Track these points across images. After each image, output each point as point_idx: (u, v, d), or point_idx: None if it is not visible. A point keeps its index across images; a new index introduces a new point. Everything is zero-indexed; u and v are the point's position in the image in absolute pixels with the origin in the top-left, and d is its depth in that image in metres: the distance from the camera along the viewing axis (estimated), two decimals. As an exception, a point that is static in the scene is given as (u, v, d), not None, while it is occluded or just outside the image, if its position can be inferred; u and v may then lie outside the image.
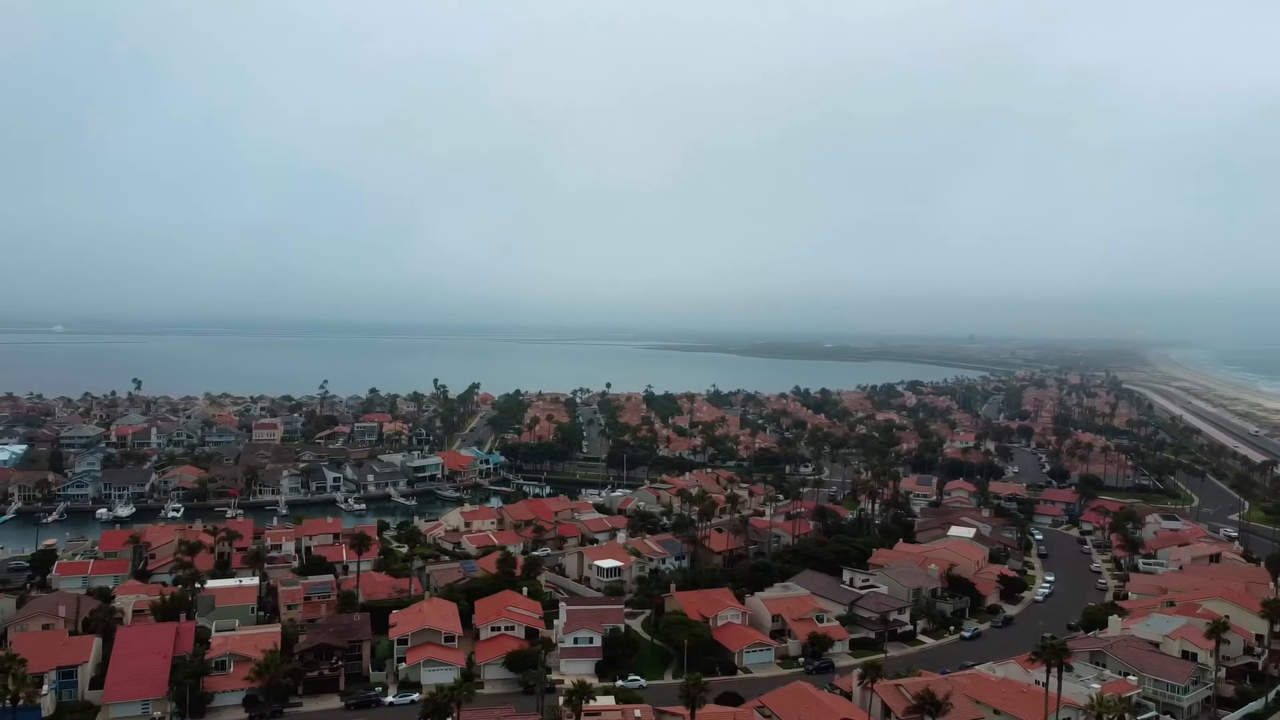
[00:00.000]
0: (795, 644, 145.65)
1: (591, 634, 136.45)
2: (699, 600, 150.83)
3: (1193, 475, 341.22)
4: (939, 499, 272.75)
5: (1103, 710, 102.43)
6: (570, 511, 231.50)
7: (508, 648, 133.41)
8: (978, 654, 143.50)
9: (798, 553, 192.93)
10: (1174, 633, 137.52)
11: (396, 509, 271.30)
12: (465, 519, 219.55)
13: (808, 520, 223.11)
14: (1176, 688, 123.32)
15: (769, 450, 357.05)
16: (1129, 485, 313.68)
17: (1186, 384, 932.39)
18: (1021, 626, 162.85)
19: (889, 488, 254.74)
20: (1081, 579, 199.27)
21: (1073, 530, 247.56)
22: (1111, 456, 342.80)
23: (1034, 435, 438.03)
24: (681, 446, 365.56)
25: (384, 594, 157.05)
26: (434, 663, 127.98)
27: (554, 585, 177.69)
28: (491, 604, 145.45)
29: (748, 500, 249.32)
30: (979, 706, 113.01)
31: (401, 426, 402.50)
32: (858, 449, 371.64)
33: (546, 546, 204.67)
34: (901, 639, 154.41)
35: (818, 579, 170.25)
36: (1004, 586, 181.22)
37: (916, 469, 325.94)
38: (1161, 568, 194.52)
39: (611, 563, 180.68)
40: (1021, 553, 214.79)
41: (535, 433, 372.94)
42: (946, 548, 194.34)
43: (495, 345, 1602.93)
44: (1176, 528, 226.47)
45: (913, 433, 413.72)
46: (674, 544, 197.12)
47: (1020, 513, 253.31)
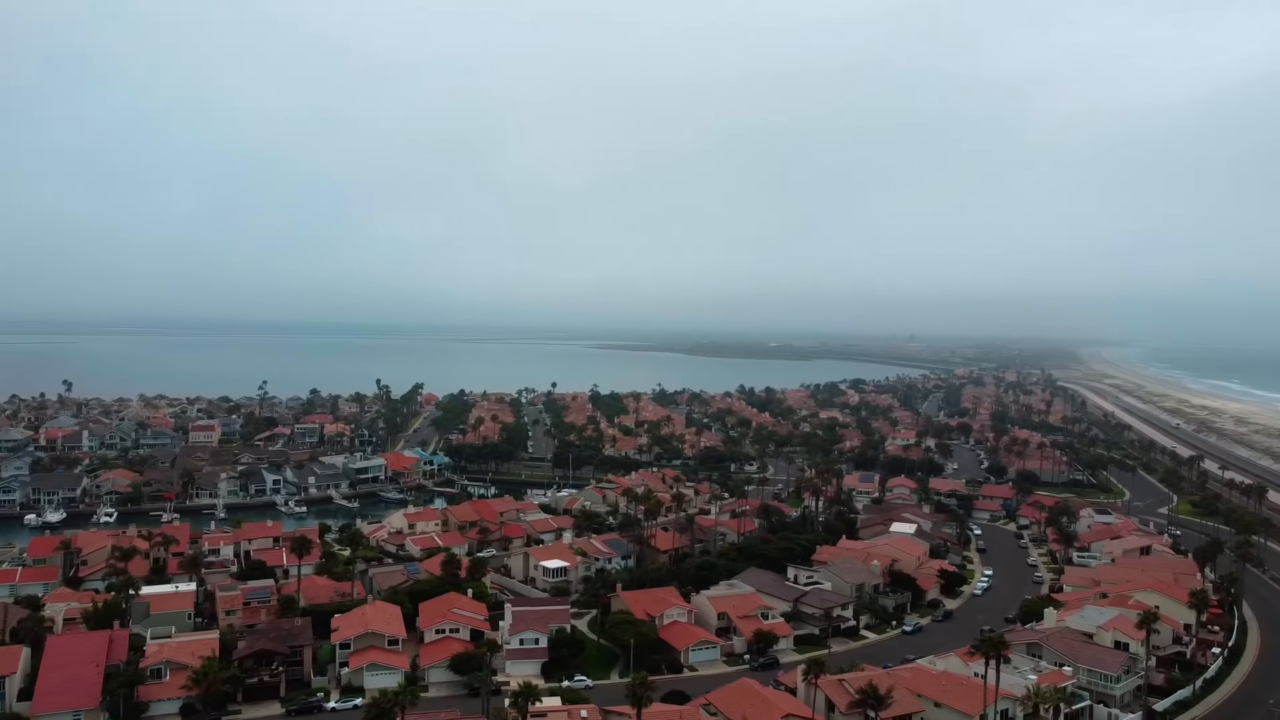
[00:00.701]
0: (741, 641, 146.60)
1: (537, 635, 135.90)
2: (645, 599, 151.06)
3: (1124, 470, 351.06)
4: (881, 496, 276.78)
5: (1039, 700, 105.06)
6: (515, 512, 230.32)
7: (453, 650, 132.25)
8: (919, 648, 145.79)
9: (743, 550, 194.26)
10: (1107, 624, 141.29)
11: (339, 511, 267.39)
12: (409, 521, 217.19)
13: (753, 518, 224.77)
14: (1109, 677, 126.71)
15: (714, 449, 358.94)
16: (1064, 480, 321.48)
17: (1118, 381, 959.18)
18: (961, 620, 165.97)
19: (832, 485, 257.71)
20: (1019, 573, 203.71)
21: (1010, 525, 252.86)
22: (1047, 452, 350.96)
23: (973, 432, 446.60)
24: (627, 446, 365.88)
25: (326, 598, 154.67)
26: (377, 667, 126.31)
27: (499, 586, 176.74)
28: (436, 606, 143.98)
29: (693, 499, 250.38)
30: (920, 699, 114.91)
31: (343, 428, 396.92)
32: (802, 447, 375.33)
33: (492, 548, 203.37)
34: (845, 634, 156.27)
35: (763, 576, 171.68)
36: (944, 581, 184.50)
37: (859, 466, 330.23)
38: (1095, 561, 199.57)
39: (557, 563, 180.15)
40: (961, 548, 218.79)
41: (480, 433, 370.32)
42: (889, 544, 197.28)
43: (439, 345, 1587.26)
44: (1109, 521, 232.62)
45: (855, 430, 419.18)
46: (620, 543, 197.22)
47: (960, 509, 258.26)
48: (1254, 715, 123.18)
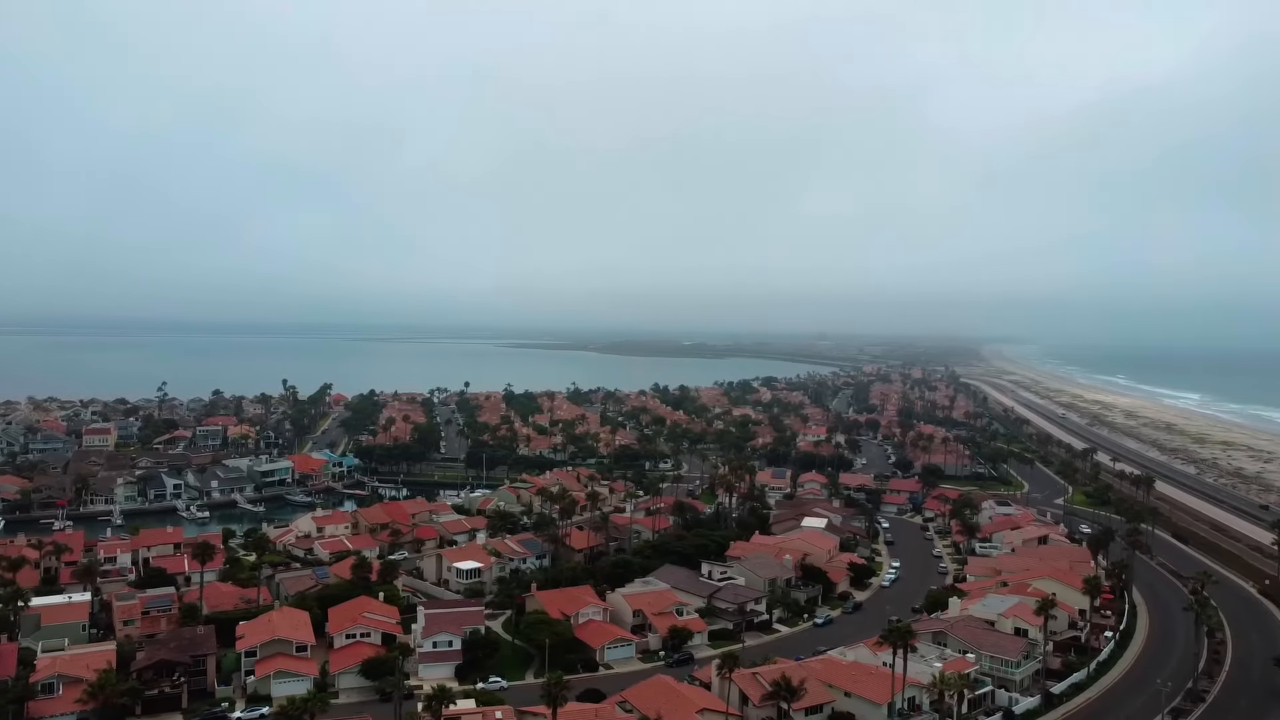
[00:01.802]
0: (656, 638, 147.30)
1: (451, 637, 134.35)
2: (560, 599, 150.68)
3: (1023, 463, 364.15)
4: (793, 491, 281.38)
5: (944, 687, 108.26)
6: (428, 513, 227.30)
7: (364, 655, 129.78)
8: (830, 639, 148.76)
9: (658, 548, 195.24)
10: (1007, 611, 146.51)
11: (244, 516, 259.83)
12: (317, 524, 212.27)
13: (667, 515, 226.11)
14: (1010, 663, 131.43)
15: (629, 447, 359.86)
16: (967, 473, 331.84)
17: (1017, 378, 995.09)
18: (870, 611, 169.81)
19: (745, 481, 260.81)
20: (924, 564, 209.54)
21: (916, 518, 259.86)
22: (951, 447, 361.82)
23: (881, 428, 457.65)
24: (542, 445, 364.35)
25: (230, 605, 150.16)
26: (285, 674, 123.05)
27: (412, 589, 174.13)
28: (346, 611, 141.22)
29: (608, 497, 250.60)
30: (831, 690, 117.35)
31: (248, 429, 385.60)
32: (715, 444, 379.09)
33: (404, 550, 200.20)
34: (758, 628, 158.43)
35: (677, 573, 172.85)
36: (854, 574, 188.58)
37: (771, 462, 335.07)
38: (996, 551, 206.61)
39: (471, 564, 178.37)
40: (870, 541, 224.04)
41: (391, 434, 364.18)
42: (800, 538, 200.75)
43: (347, 344, 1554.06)
44: (1009, 513, 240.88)
45: (768, 427, 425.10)
46: (535, 543, 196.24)
47: (868, 502, 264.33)
48: (1143, 695, 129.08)
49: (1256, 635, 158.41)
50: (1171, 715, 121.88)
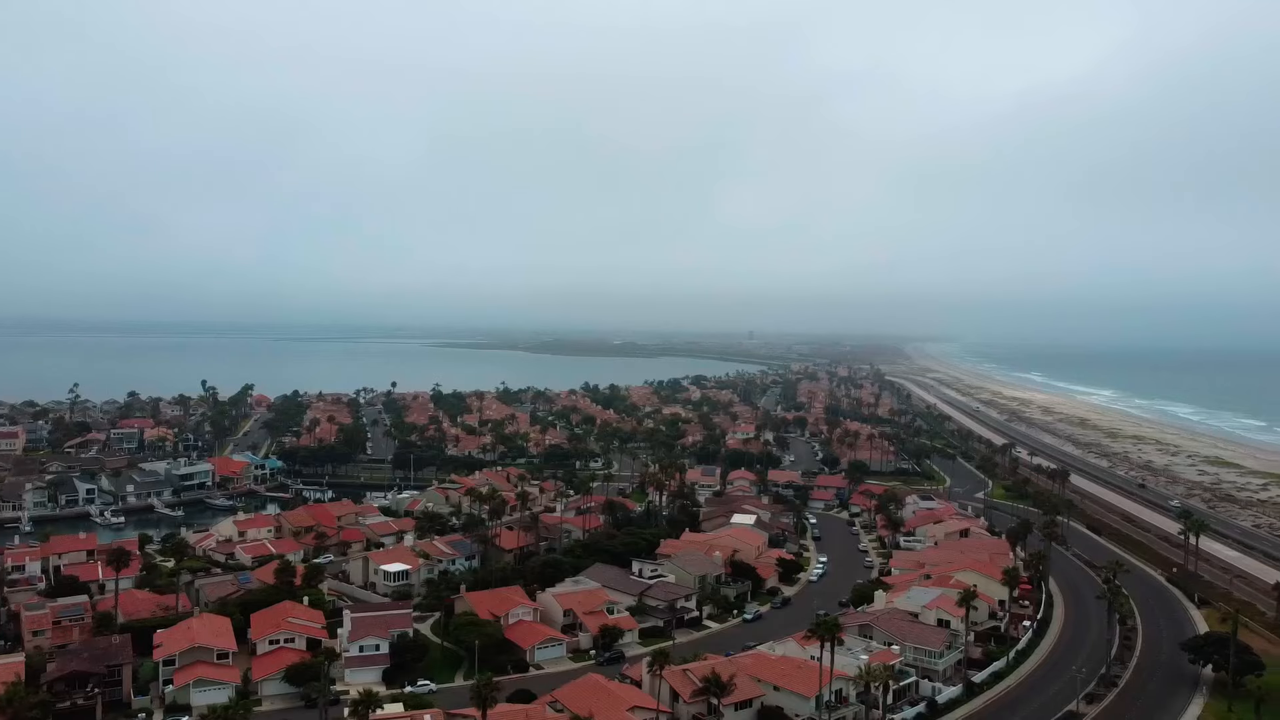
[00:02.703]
0: (587, 637, 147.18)
1: (378, 641, 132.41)
2: (490, 600, 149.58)
3: (945, 458, 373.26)
4: (722, 488, 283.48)
5: (869, 679, 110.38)
6: (354, 515, 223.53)
7: (288, 661, 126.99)
8: (759, 635, 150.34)
9: (588, 547, 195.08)
10: (931, 603, 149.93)
11: (161, 520, 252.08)
12: (239, 528, 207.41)
13: (598, 514, 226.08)
14: (933, 653, 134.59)
15: (559, 446, 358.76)
16: (891, 469, 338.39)
17: (939, 375, 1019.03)
18: (798, 606, 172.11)
19: (675, 479, 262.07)
20: (851, 558, 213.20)
21: (843, 513, 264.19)
22: (876, 443, 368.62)
23: (808, 425, 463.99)
24: (471, 445, 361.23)
25: (147, 612, 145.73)
26: (205, 682, 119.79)
27: (338, 593, 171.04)
28: (269, 616, 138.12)
29: (538, 497, 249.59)
30: (760, 684, 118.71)
31: (166, 432, 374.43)
32: (645, 443, 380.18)
33: (329, 553, 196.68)
34: (689, 625, 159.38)
35: (608, 572, 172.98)
36: (782, 569, 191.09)
37: (701, 460, 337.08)
38: (920, 544, 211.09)
39: (399, 566, 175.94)
40: (798, 536, 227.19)
41: (315, 435, 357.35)
42: (730, 535, 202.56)
43: (269, 344, 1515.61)
44: (932, 507, 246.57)
45: (697, 425, 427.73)
46: (464, 544, 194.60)
47: (796, 499, 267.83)
48: (1060, 681, 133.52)
49: (1165, 621, 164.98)
50: (1086, 700, 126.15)
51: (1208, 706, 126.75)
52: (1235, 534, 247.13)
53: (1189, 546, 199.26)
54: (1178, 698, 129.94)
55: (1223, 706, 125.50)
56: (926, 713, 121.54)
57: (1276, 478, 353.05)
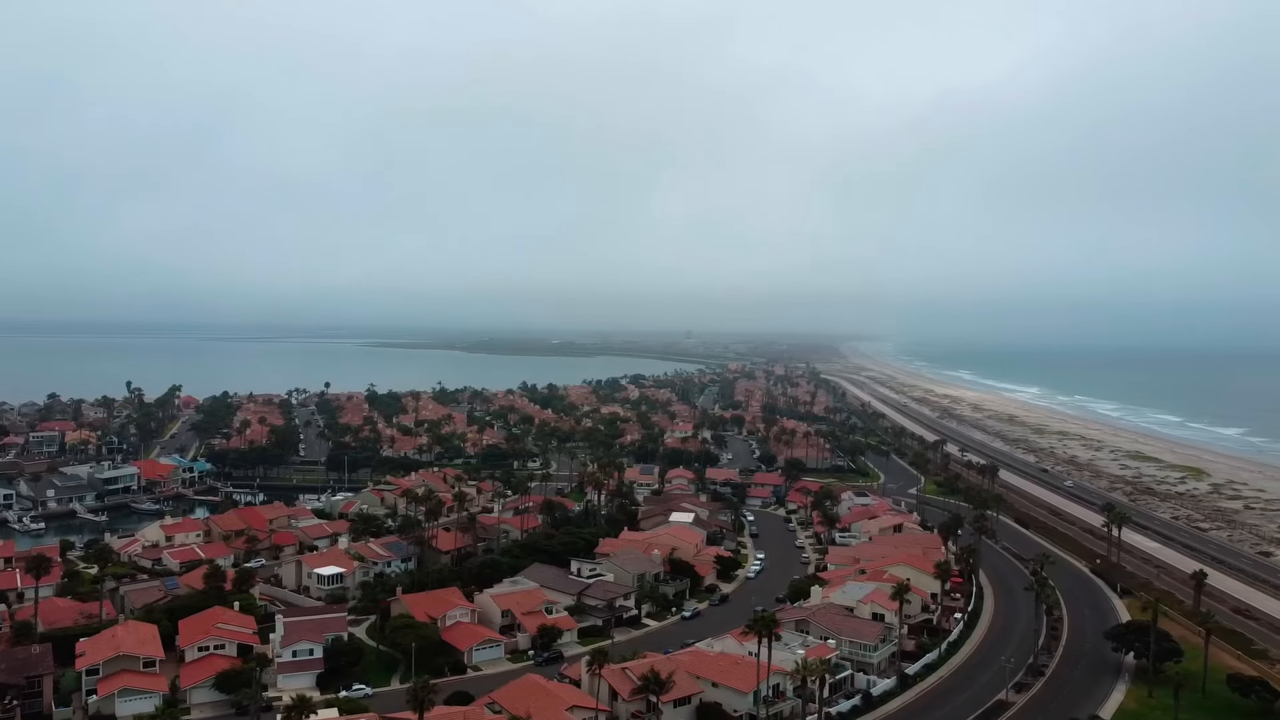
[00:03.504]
0: (525, 637, 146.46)
1: (312, 645, 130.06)
2: (426, 601, 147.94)
3: (879, 455, 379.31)
4: (661, 487, 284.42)
5: (806, 673, 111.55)
6: (287, 518, 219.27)
7: (218, 668, 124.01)
8: (698, 632, 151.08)
9: (526, 547, 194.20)
10: (865, 598, 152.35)
11: (84, 526, 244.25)
12: (166, 533, 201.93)
13: (536, 514, 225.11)
14: (868, 646, 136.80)
15: (497, 446, 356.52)
16: (827, 466, 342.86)
17: (873, 373, 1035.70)
18: (736, 603, 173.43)
19: (614, 478, 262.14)
20: (788, 555, 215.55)
21: (780, 510, 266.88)
22: (812, 441, 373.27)
23: (745, 423, 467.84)
24: (407, 446, 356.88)
25: (69, 621, 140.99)
26: (131, 691, 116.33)
27: (270, 597, 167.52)
28: (198, 622, 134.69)
29: (476, 497, 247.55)
30: (699, 681, 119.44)
31: (88, 435, 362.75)
32: (584, 442, 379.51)
33: (261, 557, 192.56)
34: (627, 624, 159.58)
35: (546, 571, 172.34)
36: (720, 567, 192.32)
37: (639, 459, 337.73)
38: (855, 540, 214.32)
39: (333, 569, 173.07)
40: (735, 534, 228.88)
41: (246, 437, 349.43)
42: (668, 533, 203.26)
43: (196, 344, 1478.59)
44: (866, 503, 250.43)
45: (636, 424, 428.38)
46: (400, 546, 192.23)
47: (734, 496, 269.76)
48: (990, 671, 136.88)
49: (1089, 611, 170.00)
50: (1015, 689, 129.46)
51: (1130, 692, 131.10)
52: (1155, 526, 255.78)
53: (1112, 539, 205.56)
54: (1101, 685, 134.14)
55: (1144, 692, 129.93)
56: (862, 705, 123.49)
57: (1193, 471, 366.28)
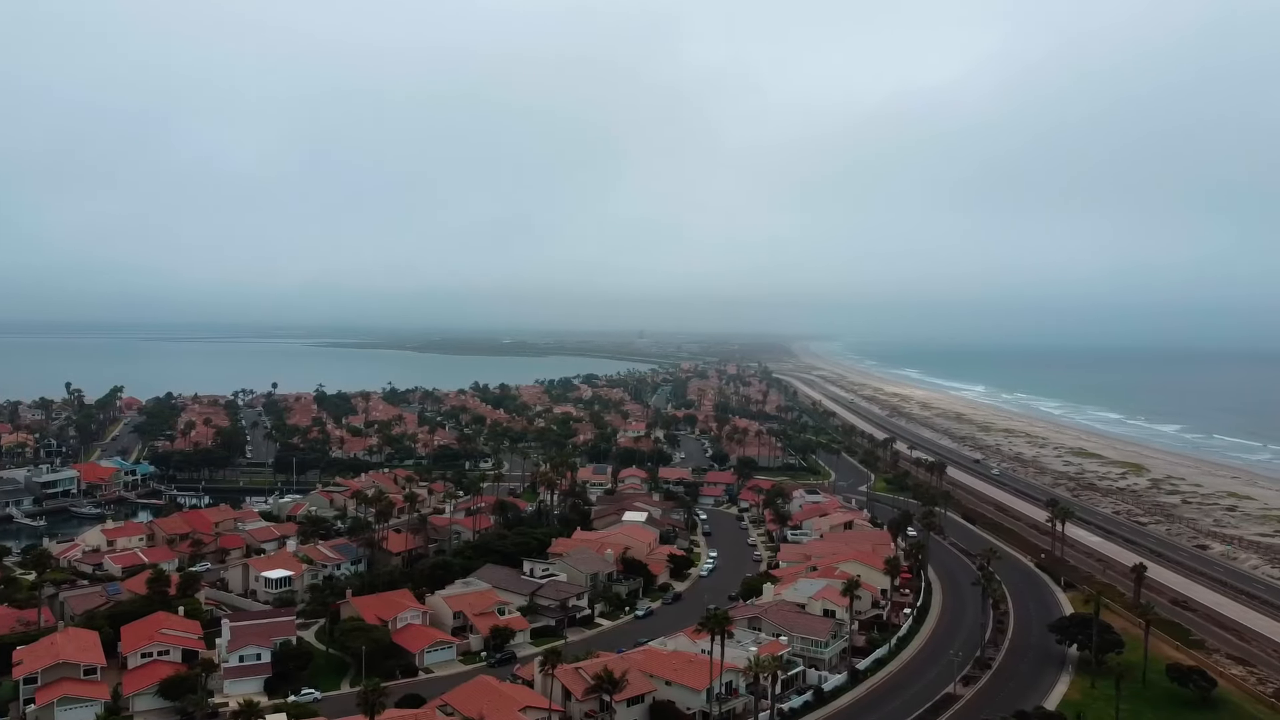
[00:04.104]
0: (478, 639, 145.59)
1: (259, 650, 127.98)
2: (377, 604, 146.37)
3: (830, 453, 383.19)
4: (614, 486, 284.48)
5: (758, 670, 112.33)
6: (233, 521, 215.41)
7: (162, 674, 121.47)
8: (651, 631, 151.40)
9: (478, 548, 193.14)
10: (817, 594, 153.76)
11: (21, 531, 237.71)
12: (108, 537, 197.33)
13: (488, 514, 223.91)
14: (820, 643, 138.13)
15: (448, 447, 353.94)
16: (779, 465, 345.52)
17: (824, 372, 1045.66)
18: (689, 601, 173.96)
19: (567, 478, 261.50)
20: (740, 553, 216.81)
21: (732, 509, 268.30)
22: (764, 439, 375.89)
23: (698, 423, 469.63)
24: (357, 447, 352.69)
25: (6, 629, 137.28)
26: (71, 700, 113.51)
27: (216, 602, 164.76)
28: (142, 628, 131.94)
29: (427, 498, 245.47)
30: (652, 680, 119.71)
31: (25, 437, 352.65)
32: (537, 442, 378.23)
33: (206, 561, 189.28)
34: (581, 623, 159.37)
35: (499, 572, 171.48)
36: (673, 565, 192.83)
37: (593, 459, 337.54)
38: (806, 537, 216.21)
39: (281, 572, 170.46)
40: (688, 532, 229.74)
41: (191, 438, 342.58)
42: (621, 532, 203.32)
43: (138, 344, 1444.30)
44: (818, 500, 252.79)
45: (589, 424, 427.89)
46: (350, 548, 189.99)
47: (687, 495, 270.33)
48: (938, 665, 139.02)
49: (1034, 604, 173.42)
50: (963, 682, 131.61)
51: (1073, 683, 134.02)
52: (1097, 520, 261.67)
53: (1056, 533, 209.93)
54: (1046, 676, 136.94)
55: (1087, 683, 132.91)
56: (813, 701, 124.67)
57: (1134, 467, 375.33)
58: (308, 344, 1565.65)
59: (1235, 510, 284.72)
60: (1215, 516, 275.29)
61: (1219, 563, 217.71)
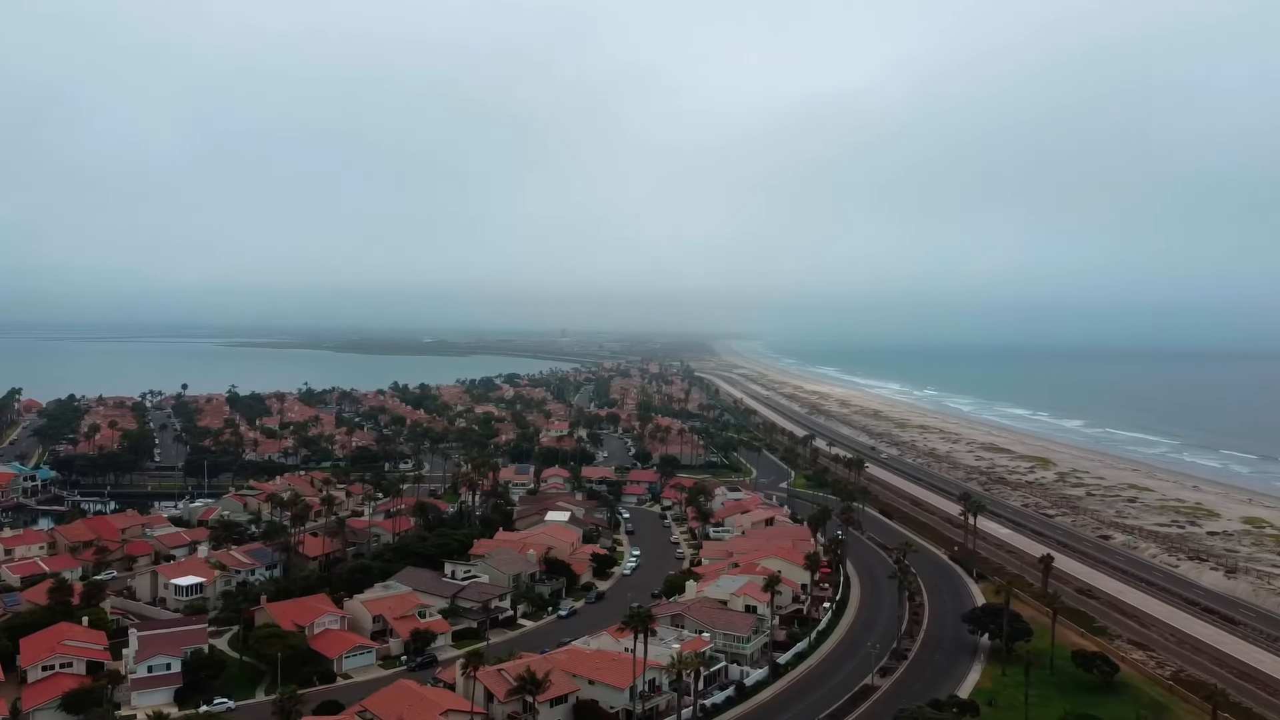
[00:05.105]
0: (398, 643, 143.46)
1: (169, 659, 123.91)
2: (293, 609, 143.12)
3: (751, 450, 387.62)
4: (536, 486, 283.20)
5: (681, 667, 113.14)
6: (141, 527, 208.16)
7: (64, 687, 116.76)
8: (574, 630, 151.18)
9: (398, 550, 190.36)
10: (739, 591, 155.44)
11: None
12: (5, 545, 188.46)
13: (409, 516, 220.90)
14: (741, 638, 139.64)
15: (367, 448, 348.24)
16: (701, 463, 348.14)
17: (745, 371, 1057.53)
18: (612, 600, 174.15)
19: (488, 478, 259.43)
20: (663, 551, 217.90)
21: (655, 507, 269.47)
22: (686, 438, 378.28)
23: (621, 421, 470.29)
24: (272, 449, 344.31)
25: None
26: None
27: (123, 611, 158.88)
28: (42, 640, 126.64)
29: (345, 501, 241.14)
30: (575, 679, 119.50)
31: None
32: (458, 442, 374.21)
33: (112, 569, 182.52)
34: (503, 625, 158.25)
35: (419, 575, 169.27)
36: (597, 564, 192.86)
37: (515, 459, 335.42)
38: (728, 534, 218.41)
39: (191, 579, 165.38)
40: (611, 531, 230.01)
41: (95, 442, 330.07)
42: (544, 532, 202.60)
43: (37, 344, 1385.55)
44: (739, 497, 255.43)
45: (511, 424, 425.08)
46: (265, 552, 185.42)
47: (610, 494, 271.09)
48: (856, 657, 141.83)
49: (948, 596, 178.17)
50: (880, 674, 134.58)
51: (985, 672, 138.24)
52: (1007, 514, 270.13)
53: (968, 526, 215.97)
54: (959, 665, 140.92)
55: (998, 671, 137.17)
56: (735, 696, 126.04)
57: (1041, 461, 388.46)
58: (219, 344, 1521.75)
59: (1135, 502, 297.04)
60: (1117, 508, 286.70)
61: (1121, 552, 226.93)
